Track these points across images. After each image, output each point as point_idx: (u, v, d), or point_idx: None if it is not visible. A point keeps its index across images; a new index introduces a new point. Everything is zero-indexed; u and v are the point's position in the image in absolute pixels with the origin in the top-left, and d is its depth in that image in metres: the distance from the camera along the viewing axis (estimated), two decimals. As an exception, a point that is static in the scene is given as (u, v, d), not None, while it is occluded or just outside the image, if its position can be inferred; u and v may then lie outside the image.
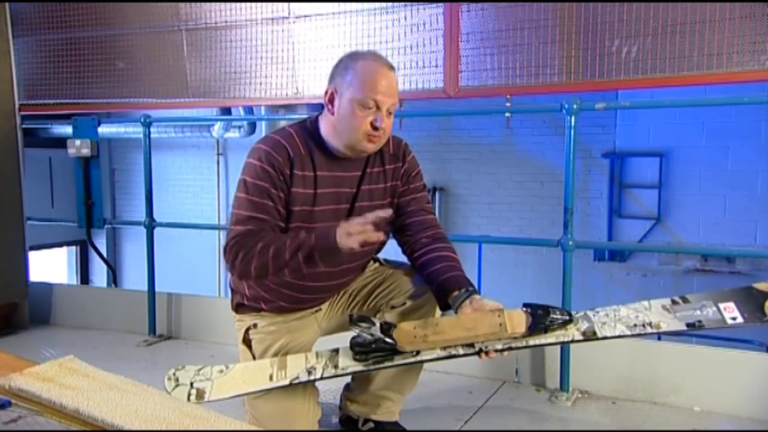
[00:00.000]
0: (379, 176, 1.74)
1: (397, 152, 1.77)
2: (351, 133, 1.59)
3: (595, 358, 2.30)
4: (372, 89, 1.57)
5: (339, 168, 1.68)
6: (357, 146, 1.61)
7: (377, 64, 1.61)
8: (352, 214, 1.70)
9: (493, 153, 6.13)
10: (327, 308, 1.84)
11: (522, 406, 2.20)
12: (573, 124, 2.24)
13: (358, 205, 1.71)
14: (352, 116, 1.58)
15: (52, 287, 3.45)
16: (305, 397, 1.78)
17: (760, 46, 2.18)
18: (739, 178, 5.30)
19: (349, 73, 1.60)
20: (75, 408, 1.50)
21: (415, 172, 1.80)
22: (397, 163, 1.77)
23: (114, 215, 7.64)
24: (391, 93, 1.60)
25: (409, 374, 1.80)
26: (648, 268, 5.72)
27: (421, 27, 2.76)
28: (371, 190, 1.72)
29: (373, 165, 1.73)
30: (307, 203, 1.64)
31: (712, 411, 2.14)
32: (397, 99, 1.63)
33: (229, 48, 3.15)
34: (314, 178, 1.64)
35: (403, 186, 1.78)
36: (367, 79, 1.57)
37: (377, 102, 1.57)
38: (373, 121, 1.57)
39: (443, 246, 1.76)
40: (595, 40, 2.44)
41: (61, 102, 3.58)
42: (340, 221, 1.64)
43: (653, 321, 1.43)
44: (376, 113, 1.57)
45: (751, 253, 5.16)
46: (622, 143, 5.71)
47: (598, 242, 5.89)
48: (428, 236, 1.76)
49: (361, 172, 1.71)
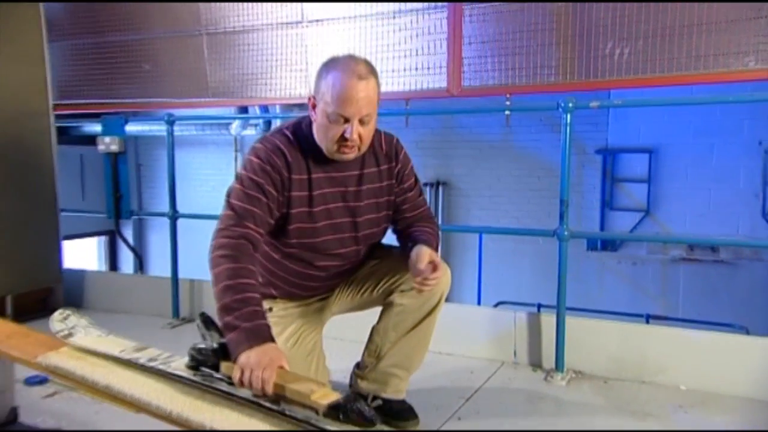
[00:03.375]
0: (376, 176, 1.71)
1: (390, 152, 1.74)
2: (326, 143, 1.57)
3: (588, 340, 2.30)
4: (340, 105, 1.50)
5: (333, 169, 1.65)
6: (333, 155, 1.58)
7: (347, 77, 1.50)
8: (358, 213, 1.69)
9: (493, 149, 6.12)
10: (336, 294, 1.84)
11: (519, 386, 2.20)
12: (569, 121, 2.23)
13: (365, 204, 1.70)
14: (325, 127, 1.55)
15: (84, 273, 3.48)
16: (317, 376, 1.79)
17: (744, 48, 2.18)
18: (723, 173, 5.28)
19: (323, 83, 1.55)
20: (106, 384, 1.52)
21: (408, 170, 1.77)
22: (391, 163, 1.73)
23: (140, 207, 7.67)
24: (361, 106, 1.51)
25: (416, 352, 1.80)
26: (637, 257, 5.70)
27: (426, 31, 2.75)
28: (373, 189, 1.71)
29: (369, 165, 1.70)
30: (304, 204, 1.62)
31: (697, 389, 2.13)
32: (372, 105, 1.55)
33: (247, 51, 3.15)
34: (309, 180, 1.62)
35: (398, 186, 1.75)
36: (336, 93, 1.50)
37: (345, 116, 1.52)
38: (344, 133, 1.53)
39: (422, 225, 1.76)
40: (590, 42, 2.43)
41: (91, 102, 3.60)
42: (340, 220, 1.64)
43: None
44: (345, 125, 1.53)
45: (733, 242, 5.16)
46: (613, 140, 5.69)
47: (591, 232, 5.87)
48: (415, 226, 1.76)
49: (359, 171, 1.68)
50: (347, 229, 1.69)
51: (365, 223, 1.71)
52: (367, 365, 1.85)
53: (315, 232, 1.65)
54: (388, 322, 1.77)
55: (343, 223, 1.68)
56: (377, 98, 1.57)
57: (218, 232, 1.53)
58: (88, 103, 3.61)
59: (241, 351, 1.34)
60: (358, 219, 1.70)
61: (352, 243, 1.72)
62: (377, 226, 1.75)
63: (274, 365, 1.33)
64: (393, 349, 1.78)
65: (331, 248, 1.69)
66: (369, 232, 1.73)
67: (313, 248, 1.68)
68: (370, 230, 1.73)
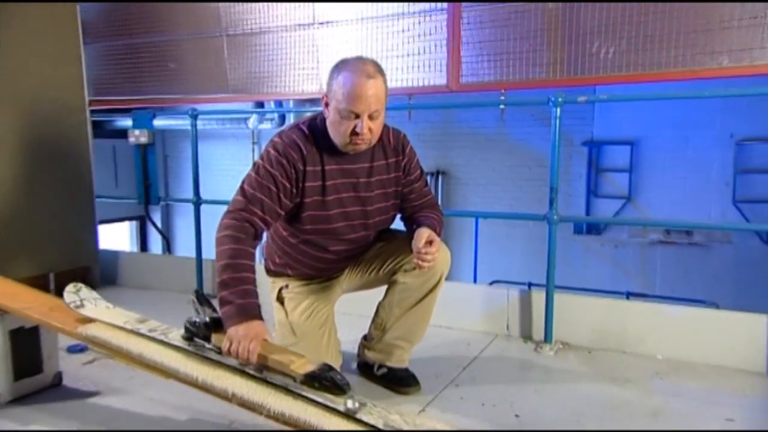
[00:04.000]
0: (384, 168, 1.70)
1: (397, 146, 1.72)
2: (338, 137, 1.56)
3: (574, 315, 2.30)
4: (350, 102, 1.50)
5: (345, 161, 1.64)
6: (345, 148, 1.58)
7: (357, 76, 1.50)
8: (368, 202, 1.68)
9: (488, 142, 6.09)
10: (347, 273, 1.84)
11: (512, 356, 2.21)
12: (558, 115, 2.21)
13: (376, 194, 1.69)
14: (338, 123, 1.54)
15: (117, 254, 3.49)
16: (329, 346, 1.81)
17: (718, 49, 2.18)
18: (697, 164, 5.26)
19: (335, 83, 1.54)
20: (139, 353, 1.53)
21: (414, 163, 1.76)
22: (398, 157, 1.72)
23: (167, 194, 7.68)
24: (372, 101, 1.51)
25: (418, 326, 1.81)
26: (619, 240, 5.69)
27: (428, 33, 2.73)
28: (381, 180, 1.70)
29: (378, 158, 1.69)
30: (317, 194, 1.61)
31: (672, 358, 2.14)
32: (381, 101, 1.54)
33: (263, 51, 3.14)
34: (322, 172, 1.61)
35: (404, 178, 1.74)
36: (346, 92, 1.50)
37: (356, 113, 1.51)
38: (354, 128, 1.52)
39: (427, 211, 1.75)
40: (578, 42, 2.41)
41: (122, 98, 3.60)
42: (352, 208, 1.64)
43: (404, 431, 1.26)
44: (355, 120, 1.52)
45: (706, 226, 5.13)
46: (598, 133, 5.66)
47: (578, 217, 5.86)
48: (421, 212, 1.76)
49: (369, 164, 1.67)
50: (358, 217, 1.68)
51: (374, 212, 1.70)
52: (374, 337, 1.85)
53: (328, 219, 1.64)
54: (392, 298, 1.78)
55: (354, 211, 1.67)
56: (385, 95, 1.56)
57: (227, 213, 1.54)
58: (120, 99, 3.61)
59: (231, 324, 1.39)
60: (368, 208, 1.69)
61: (362, 229, 1.71)
62: (385, 214, 1.74)
63: (259, 338, 1.38)
64: (397, 323, 1.79)
65: (342, 234, 1.69)
66: (378, 220, 1.73)
67: (326, 234, 1.67)
68: (379, 218, 1.72)
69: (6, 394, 1.71)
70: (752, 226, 5.18)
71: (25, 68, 2.87)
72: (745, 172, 5.09)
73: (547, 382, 1.96)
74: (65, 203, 3.07)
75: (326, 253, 1.72)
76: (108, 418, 1.63)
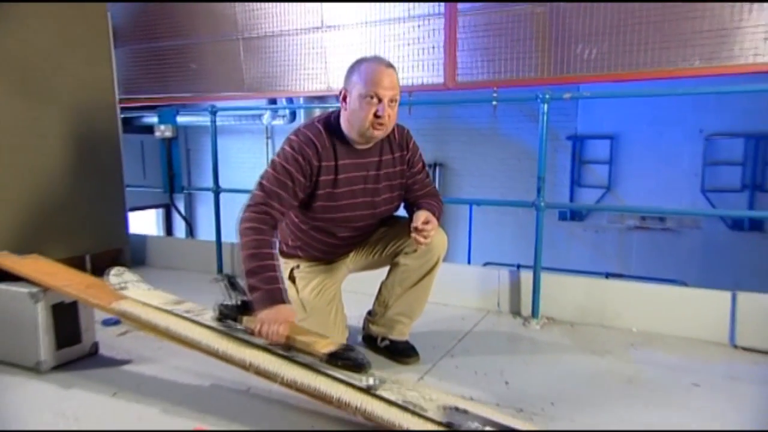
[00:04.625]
0: (390, 162, 1.69)
1: (402, 141, 1.71)
2: (360, 123, 1.54)
3: (559, 293, 2.31)
4: (373, 85, 1.50)
5: (357, 155, 1.63)
6: (366, 133, 1.55)
7: (376, 64, 1.53)
8: (376, 193, 1.68)
9: (481, 136, 6.06)
10: (353, 255, 1.84)
11: (502, 329, 2.21)
12: (545, 110, 2.19)
13: (383, 185, 1.68)
14: (360, 108, 1.52)
15: (145, 237, 3.50)
16: (336, 321, 1.81)
17: (690, 51, 2.18)
18: (670, 156, 5.24)
19: (355, 74, 1.54)
20: (166, 326, 1.54)
21: (417, 156, 1.75)
22: (403, 151, 1.71)
23: (189, 183, 7.67)
24: (390, 86, 1.52)
25: (418, 304, 1.81)
26: (599, 225, 5.68)
27: (427, 36, 2.70)
28: (388, 173, 1.69)
29: (385, 153, 1.68)
30: (329, 186, 1.60)
31: (646, 331, 2.14)
32: (397, 91, 1.55)
33: (276, 52, 3.12)
34: (335, 166, 1.60)
35: (408, 170, 1.73)
36: (368, 77, 1.51)
37: (378, 95, 1.50)
38: (376, 111, 1.51)
39: (428, 199, 1.75)
40: (563, 44, 2.40)
41: (148, 96, 3.58)
42: (361, 199, 1.64)
43: (423, 407, 1.25)
44: (378, 104, 1.51)
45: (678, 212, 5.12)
46: (581, 129, 5.62)
47: (563, 204, 5.84)
48: (422, 200, 1.75)
49: (378, 158, 1.66)
50: (366, 207, 1.68)
51: (381, 202, 1.70)
52: (377, 313, 1.86)
53: (338, 209, 1.64)
54: (394, 278, 1.78)
55: (362, 202, 1.67)
56: (399, 88, 1.57)
57: (247, 207, 1.54)
58: (147, 98, 3.59)
59: (261, 308, 1.41)
60: (375, 198, 1.68)
61: (369, 218, 1.71)
62: (391, 204, 1.73)
63: (287, 321, 1.40)
64: (398, 300, 1.79)
65: (350, 222, 1.68)
66: (384, 209, 1.72)
67: (335, 222, 1.67)
68: (384, 207, 1.72)
69: (50, 361, 1.72)
70: (718, 212, 5.19)
71: (62, 70, 2.87)
72: (713, 164, 5.08)
73: (534, 353, 1.97)
74: (99, 192, 3.07)
75: (335, 238, 1.72)
76: (139, 383, 1.64)
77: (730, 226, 5.07)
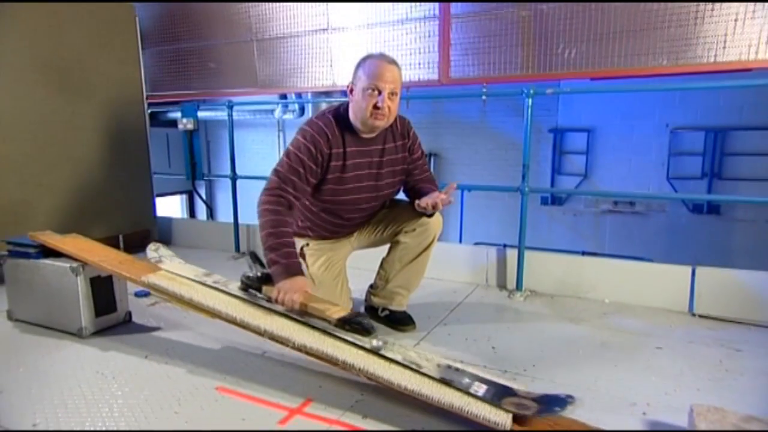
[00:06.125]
0: (393, 150, 1.68)
1: (403, 131, 1.70)
2: (362, 113, 1.53)
3: (540, 268, 2.31)
4: (374, 78, 1.49)
5: (363, 144, 1.62)
6: (368, 122, 1.54)
7: (379, 60, 1.51)
8: (380, 178, 1.67)
9: (472, 129, 6.01)
10: (357, 234, 1.84)
11: (489, 301, 2.22)
12: (530, 104, 2.17)
13: (386, 170, 1.67)
14: (362, 99, 1.51)
15: (171, 220, 3.50)
16: (342, 293, 1.82)
17: (659, 51, 2.17)
18: (640, 147, 5.22)
19: (360, 70, 1.53)
20: (190, 297, 1.55)
21: (417, 144, 1.74)
22: (404, 140, 1.70)
23: (209, 171, 7.63)
24: (390, 80, 1.50)
25: (415, 278, 1.82)
26: (577, 210, 5.67)
27: (423, 36, 2.66)
28: (391, 159, 1.68)
29: (389, 141, 1.67)
30: (338, 171, 1.60)
31: (616, 301, 2.16)
32: (397, 85, 1.53)
33: (286, 52, 3.08)
34: (344, 153, 1.59)
35: (409, 157, 1.72)
36: (371, 71, 1.50)
37: (378, 87, 1.49)
38: (376, 103, 1.50)
39: (427, 184, 1.74)
40: (546, 44, 2.37)
41: (172, 93, 3.55)
42: (366, 183, 1.63)
43: (422, 365, 1.27)
44: (378, 96, 1.50)
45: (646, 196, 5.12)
46: (562, 122, 5.58)
47: (545, 188, 5.83)
48: (420, 185, 1.74)
49: (382, 146, 1.65)
50: (370, 191, 1.67)
51: (384, 186, 1.69)
52: (378, 286, 1.87)
53: (345, 192, 1.63)
54: (394, 255, 1.78)
55: (367, 186, 1.66)
56: (401, 82, 1.55)
57: (265, 191, 1.54)
58: (170, 94, 3.56)
59: (279, 279, 1.44)
60: (379, 182, 1.67)
61: (373, 201, 1.70)
62: (393, 188, 1.73)
63: (302, 290, 1.42)
64: (398, 275, 1.79)
65: (356, 204, 1.68)
66: (387, 192, 1.72)
67: (342, 205, 1.66)
68: (387, 191, 1.71)
69: (90, 327, 1.74)
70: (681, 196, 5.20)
71: (96, 69, 2.86)
72: (677, 155, 5.08)
73: (518, 321, 1.98)
74: (129, 179, 3.08)
75: (341, 219, 1.72)
76: (167, 348, 1.66)
77: (691, 210, 5.08)
